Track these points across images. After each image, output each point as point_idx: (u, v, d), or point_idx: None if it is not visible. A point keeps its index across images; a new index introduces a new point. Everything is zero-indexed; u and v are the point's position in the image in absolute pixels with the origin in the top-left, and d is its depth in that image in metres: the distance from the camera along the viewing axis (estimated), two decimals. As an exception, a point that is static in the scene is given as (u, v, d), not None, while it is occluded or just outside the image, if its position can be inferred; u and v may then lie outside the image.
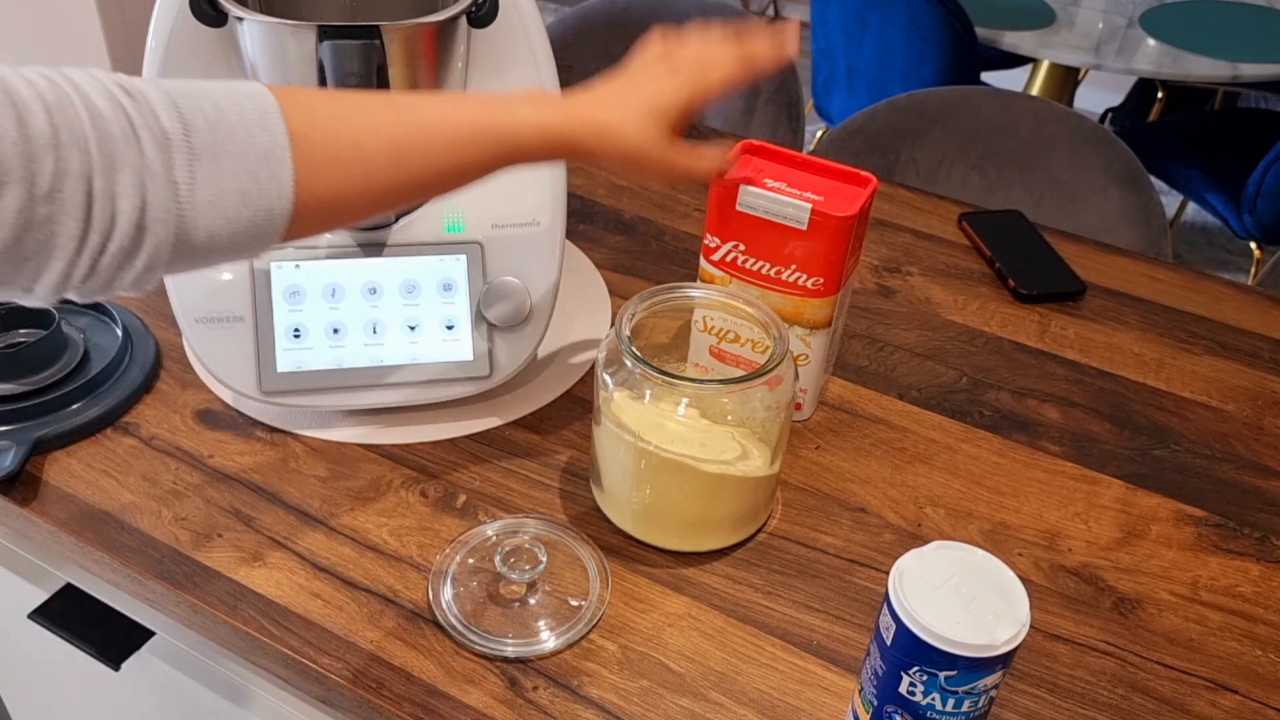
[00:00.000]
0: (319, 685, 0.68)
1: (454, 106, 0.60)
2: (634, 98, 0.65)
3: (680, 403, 0.71)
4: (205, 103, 0.51)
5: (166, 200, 0.49)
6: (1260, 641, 0.72)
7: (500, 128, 0.61)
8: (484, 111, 0.61)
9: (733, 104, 1.58)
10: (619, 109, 0.64)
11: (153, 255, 0.50)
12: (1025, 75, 2.72)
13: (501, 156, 0.61)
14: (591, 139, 0.64)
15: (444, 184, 0.60)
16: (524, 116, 0.62)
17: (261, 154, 0.52)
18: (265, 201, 0.52)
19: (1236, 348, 0.99)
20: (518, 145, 0.61)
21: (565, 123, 0.63)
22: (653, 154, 0.65)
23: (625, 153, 0.65)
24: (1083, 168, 1.33)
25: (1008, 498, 0.82)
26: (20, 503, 0.76)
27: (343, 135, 0.55)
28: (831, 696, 0.67)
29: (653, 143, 0.65)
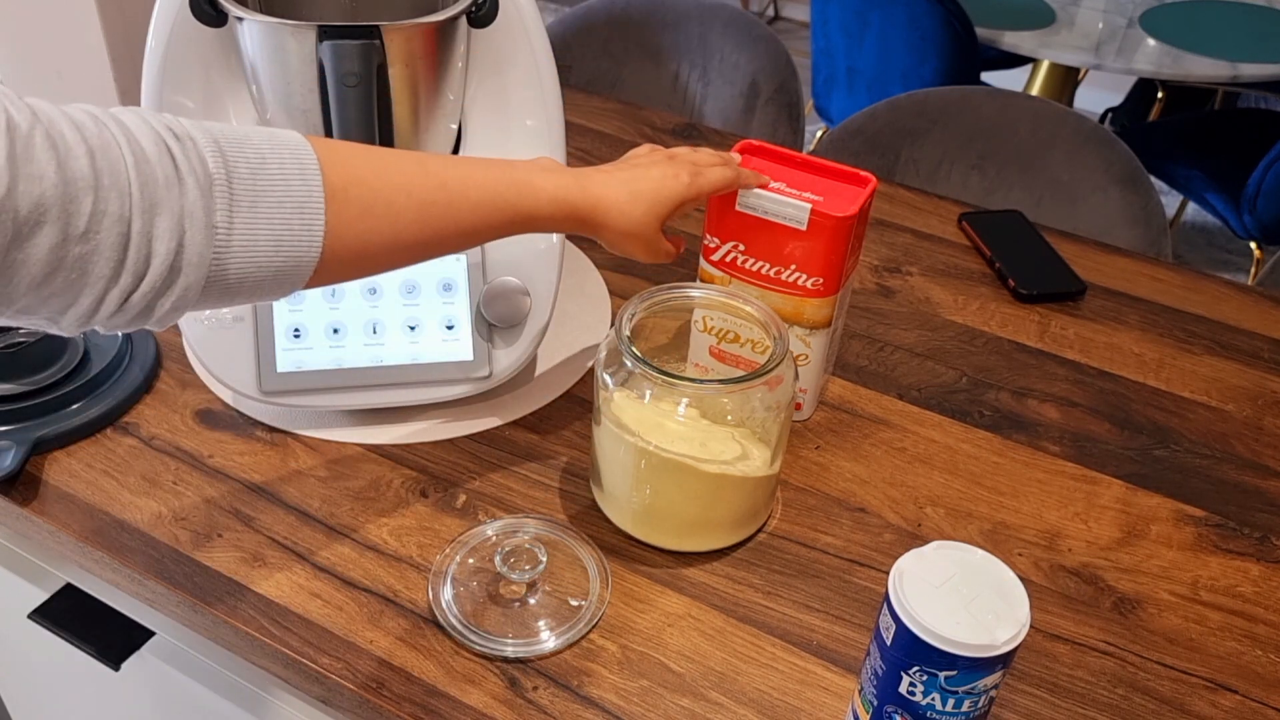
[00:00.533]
0: (319, 685, 0.68)
1: (479, 170, 0.64)
2: (644, 186, 0.71)
3: (680, 403, 0.71)
4: (249, 149, 0.53)
5: (203, 244, 0.51)
6: (1260, 641, 0.72)
7: (520, 194, 0.65)
8: (505, 177, 0.65)
9: (733, 104, 1.58)
10: (628, 193, 0.71)
11: (182, 295, 0.51)
12: (1025, 75, 2.72)
13: (517, 222, 0.66)
14: (601, 214, 0.70)
15: (463, 243, 0.64)
16: (541, 186, 0.67)
17: (298, 204, 0.54)
18: (297, 250, 0.54)
19: (1236, 348, 0.99)
20: (534, 213, 0.66)
21: (580, 196, 0.69)
22: (647, 237, 0.72)
23: (625, 232, 0.71)
24: (1083, 168, 1.33)
25: (1008, 498, 0.82)
26: (20, 503, 0.76)
27: (376, 191, 0.58)
28: (831, 696, 0.67)
29: (649, 228, 0.72)
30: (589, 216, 0.69)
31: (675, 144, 1.25)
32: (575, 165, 1.19)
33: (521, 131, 0.85)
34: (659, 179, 0.72)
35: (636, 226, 0.71)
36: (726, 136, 1.28)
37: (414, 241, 0.60)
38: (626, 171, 0.72)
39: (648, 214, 0.71)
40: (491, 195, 0.64)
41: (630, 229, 0.71)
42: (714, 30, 1.57)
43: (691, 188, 0.73)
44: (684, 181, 0.72)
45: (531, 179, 0.66)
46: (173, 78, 0.78)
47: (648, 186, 0.71)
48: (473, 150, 0.85)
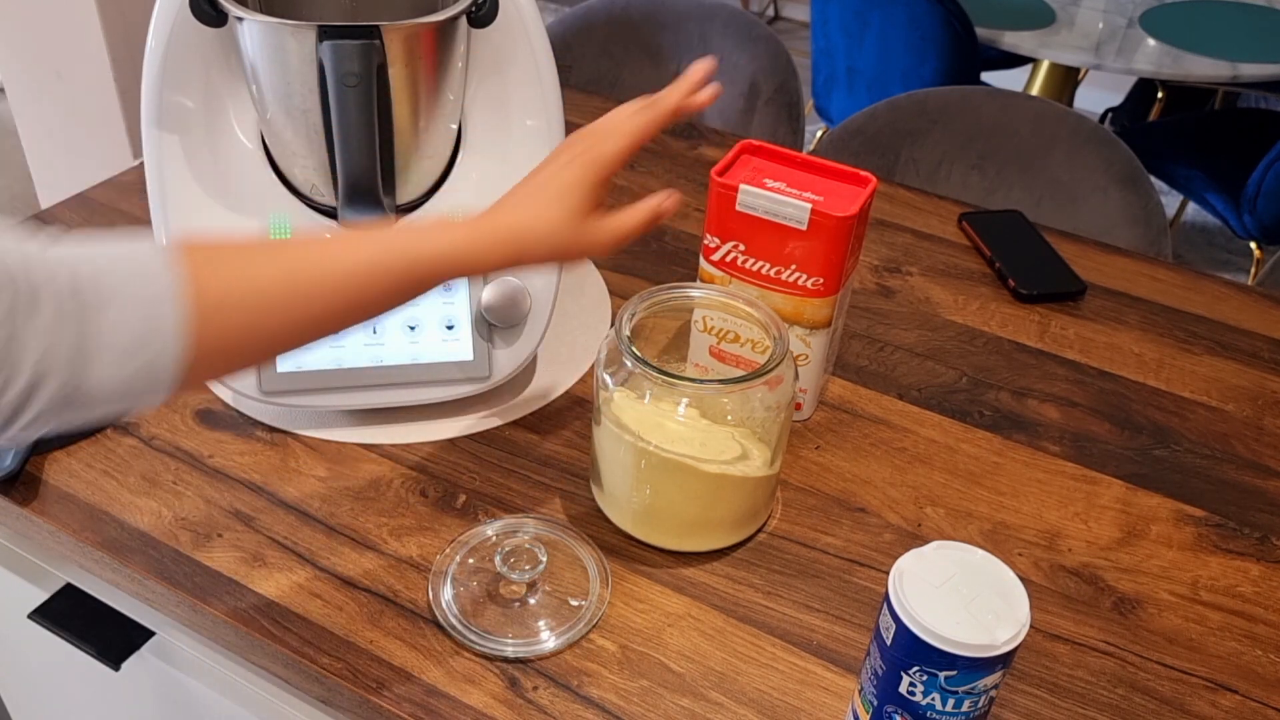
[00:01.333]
0: (319, 685, 0.68)
1: (360, 243, 0.60)
2: (534, 194, 0.65)
3: (680, 403, 0.71)
4: (100, 256, 0.51)
5: (60, 352, 0.49)
6: (1260, 641, 0.72)
7: (408, 256, 0.60)
8: (390, 243, 0.60)
9: (733, 104, 1.58)
10: (520, 210, 0.65)
11: (44, 406, 0.49)
12: (1025, 75, 2.72)
13: (413, 283, 0.61)
14: (504, 246, 0.64)
15: (352, 318, 0.60)
16: (431, 241, 0.61)
17: (149, 304, 0.51)
18: (152, 351, 0.51)
19: (1236, 348, 0.99)
20: (432, 269, 0.61)
21: (475, 238, 0.63)
22: (569, 240, 0.65)
23: (544, 248, 0.65)
24: (1083, 168, 1.33)
25: (1008, 498, 0.82)
26: (20, 503, 0.76)
27: (240, 280, 0.55)
28: (831, 696, 0.67)
29: (566, 229, 0.65)
30: (492, 254, 0.63)
31: (675, 144, 1.25)
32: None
33: (521, 131, 0.85)
34: (549, 177, 0.66)
35: (549, 240, 0.65)
36: (726, 136, 1.28)
37: (291, 326, 0.57)
38: (518, 188, 0.67)
39: (554, 221, 0.65)
40: (374, 266, 0.59)
41: (546, 245, 0.65)
42: (714, 30, 1.57)
43: (592, 162, 0.66)
44: (579, 162, 0.66)
45: (421, 237, 0.61)
46: (173, 78, 0.78)
47: (539, 192, 0.65)
48: (473, 150, 0.85)
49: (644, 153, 1.23)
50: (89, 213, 1.06)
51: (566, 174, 0.66)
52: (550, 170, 0.66)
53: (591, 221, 0.66)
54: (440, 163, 0.85)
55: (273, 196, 0.82)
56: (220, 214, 0.81)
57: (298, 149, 0.80)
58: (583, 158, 0.66)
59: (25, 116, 1.96)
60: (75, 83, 1.84)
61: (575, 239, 0.66)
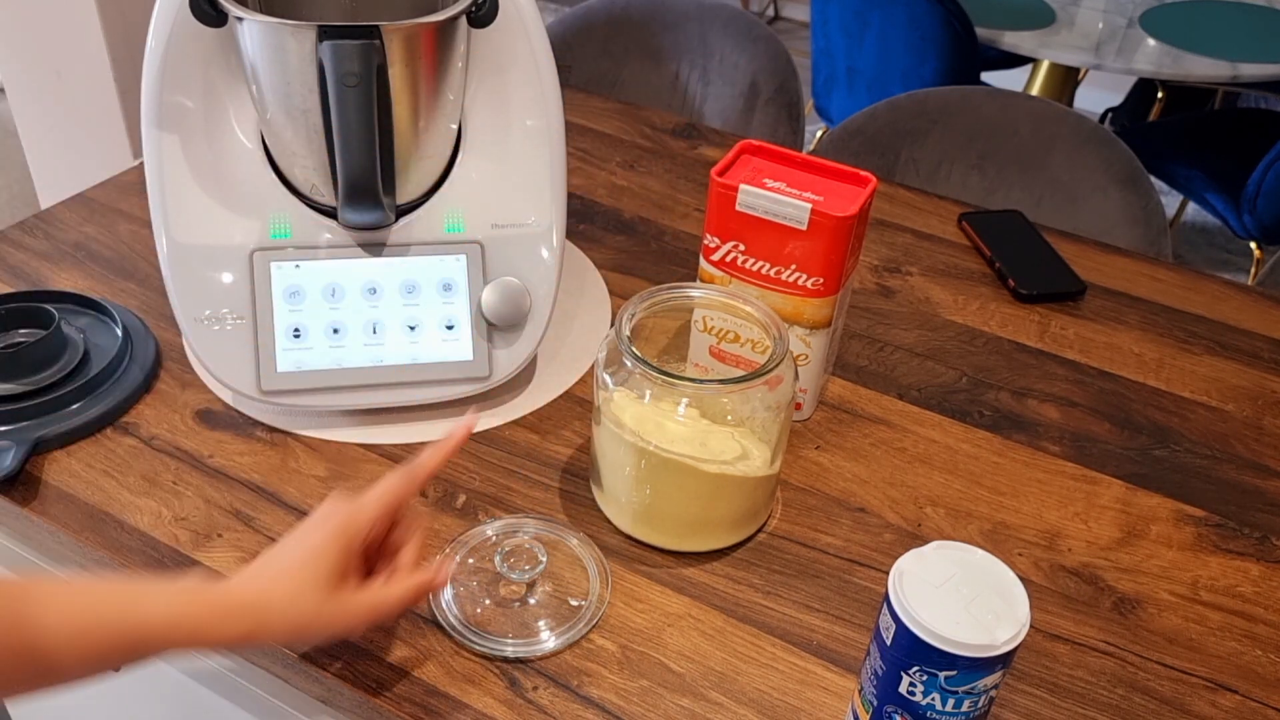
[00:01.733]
0: (319, 685, 0.68)
1: (66, 597, 0.53)
2: (274, 560, 0.58)
3: (680, 403, 0.71)
4: None
5: None
6: (1260, 641, 0.72)
7: (120, 623, 0.53)
8: (102, 605, 0.53)
9: (733, 104, 1.58)
10: (259, 578, 0.57)
11: None
12: (1025, 75, 2.72)
13: (118, 654, 0.53)
14: (235, 619, 0.56)
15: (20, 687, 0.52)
16: (147, 608, 0.54)
17: None
18: None
19: (1236, 348, 0.99)
20: (144, 640, 0.54)
21: (201, 609, 0.55)
22: (314, 612, 0.57)
23: (284, 623, 0.57)
24: (1083, 168, 1.33)
25: (1008, 498, 0.82)
26: (20, 503, 0.76)
27: None
28: (831, 696, 0.67)
29: (310, 601, 0.57)
30: (243, 619, 0.56)
31: (675, 144, 1.25)
32: (575, 165, 1.20)
33: (521, 131, 0.85)
34: (298, 538, 0.58)
35: (286, 614, 0.56)
36: (726, 136, 1.28)
37: None
38: (261, 557, 0.59)
39: (296, 594, 0.56)
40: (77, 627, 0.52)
41: (281, 620, 0.56)
42: (714, 30, 1.57)
43: (339, 527, 0.58)
44: (330, 524, 0.58)
45: (145, 600, 0.54)
46: (173, 78, 0.78)
47: (280, 561, 0.57)
48: (473, 150, 0.85)
49: (644, 153, 1.23)
50: (89, 213, 1.06)
51: (313, 539, 0.58)
52: (296, 536, 0.59)
53: (343, 594, 0.58)
54: (440, 163, 0.85)
55: (273, 196, 0.82)
56: (220, 214, 0.81)
57: (298, 149, 0.80)
58: (332, 521, 0.59)
59: (25, 116, 1.96)
60: (75, 83, 1.84)
61: (322, 612, 0.58)
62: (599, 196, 1.15)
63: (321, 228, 0.82)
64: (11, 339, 0.86)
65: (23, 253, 1.00)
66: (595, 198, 1.14)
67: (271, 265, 0.81)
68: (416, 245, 0.83)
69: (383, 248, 0.83)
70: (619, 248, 1.06)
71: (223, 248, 0.81)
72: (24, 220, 1.04)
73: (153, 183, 0.80)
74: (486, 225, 0.84)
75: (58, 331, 0.84)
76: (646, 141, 1.26)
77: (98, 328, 0.89)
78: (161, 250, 0.80)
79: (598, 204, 1.13)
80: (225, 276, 0.80)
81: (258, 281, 0.80)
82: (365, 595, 0.59)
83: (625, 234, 1.09)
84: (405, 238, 0.83)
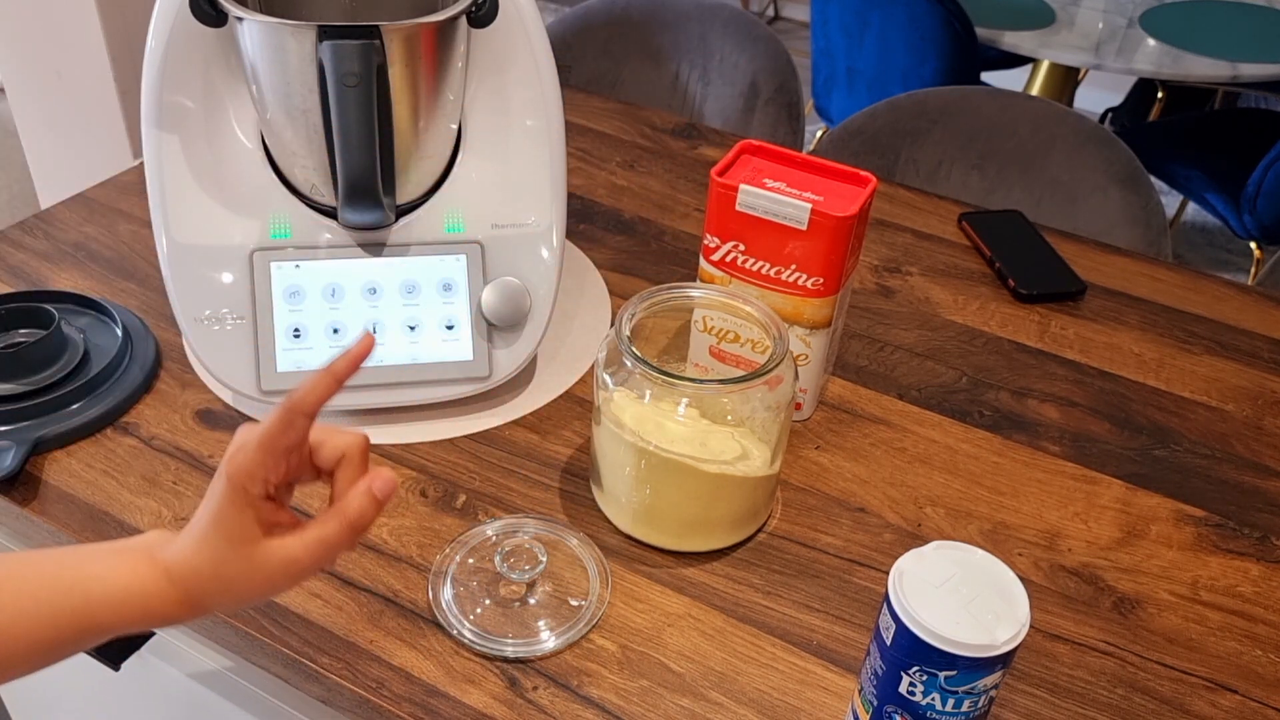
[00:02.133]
0: (319, 685, 0.68)
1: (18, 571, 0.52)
2: (193, 529, 0.55)
3: (680, 403, 0.71)
4: None
5: None
6: (1260, 641, 0.72)
7: (79, 605, 0.52)
8: (66, 578, 0.52)
9: (733, 104, 1.58)
10: (184, 551, 0.54)
11: None
12: (1025, 75, 2.72)
13: (73, 638, 0.52)
14: (176, 594, 0.54)
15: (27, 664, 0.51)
16: (104, 583, 0.52)
17: None
18: None
19: (1236, 348, 0.99)
20: (95, 619, 0.52)
21: (144, 584, 0.53)
22: (243, 572, 0.54)
23: (218, 588, 0.54)
24: (1083, 168, 1.33)
25: (1008, 498, 0.82)
26: (20, 503, 0.76)
27: None
28: (831, 696, 0.67)
29: (234, 561, 0.54)
30: (182, 592, 0.54)
31: (675, 144, 1.25)
32: (575, 165, 1.20)
33: (521, 131, 0.85)
34: (204, 503, 0.54)
35: (229, 564, 0.54)
36: (726, 136, 1.28)
37: None
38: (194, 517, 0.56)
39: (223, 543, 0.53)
40: (37, 611, 0.51)
41: (231, 575, 0.54)
42: (714, 30, 1.57)
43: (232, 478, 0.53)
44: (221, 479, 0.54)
45: (98, 573, 0.52)
46: (173, 78, 0.78)
47: (202, 519, 0.54)
48: (473, 150, 0.85)
49: (644, 153, 1.23)
50: (89, 213, 1.06)
51: (213, 498, 0.54)
52: (207, 495, 0.55)
53: (267, 545, 0.54)
54: (440, 163, 0.85)
55: (273, 196, 0.82)
56: (220, 214, 0.81)
57: (298, 149, 0.80)
58: (224, 474, 0.54)
59: (25, 116, 1.96)
60: (75, 83, 1.84)
61: (249, 570, 0.54)
62: (599, 196, 1.15)
63: (321, 228, 0.82)
64: (11, 339, 0.86)
65: (23, 253, 1.00)
66: (595, 198, 1.14)
67: (271, 265, 0.81)
68: (416, 245, 0.83)
69: (383, 248, 0.83)
70: (619, 248, 1.06)
71: (223, 248, 0.81)
72: (24, 220, 1.04)
73: (153, 183, 0.80)
74: (486, 225, 0.84)
75: (58, 331, 0.84)
76: (646, 141, 1.26)
77: (98, 328, 0.89)
78: (161, 250, 0.80)
79: (598, 204, 1.13)
80: (225, 276, 0.80)
81: (258, 281, 0.80)
82: (294, 540, 0.55)
83: (625, 234, 1.09)
84: (405, 238, 0.83)
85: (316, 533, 0.55)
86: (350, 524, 0.55)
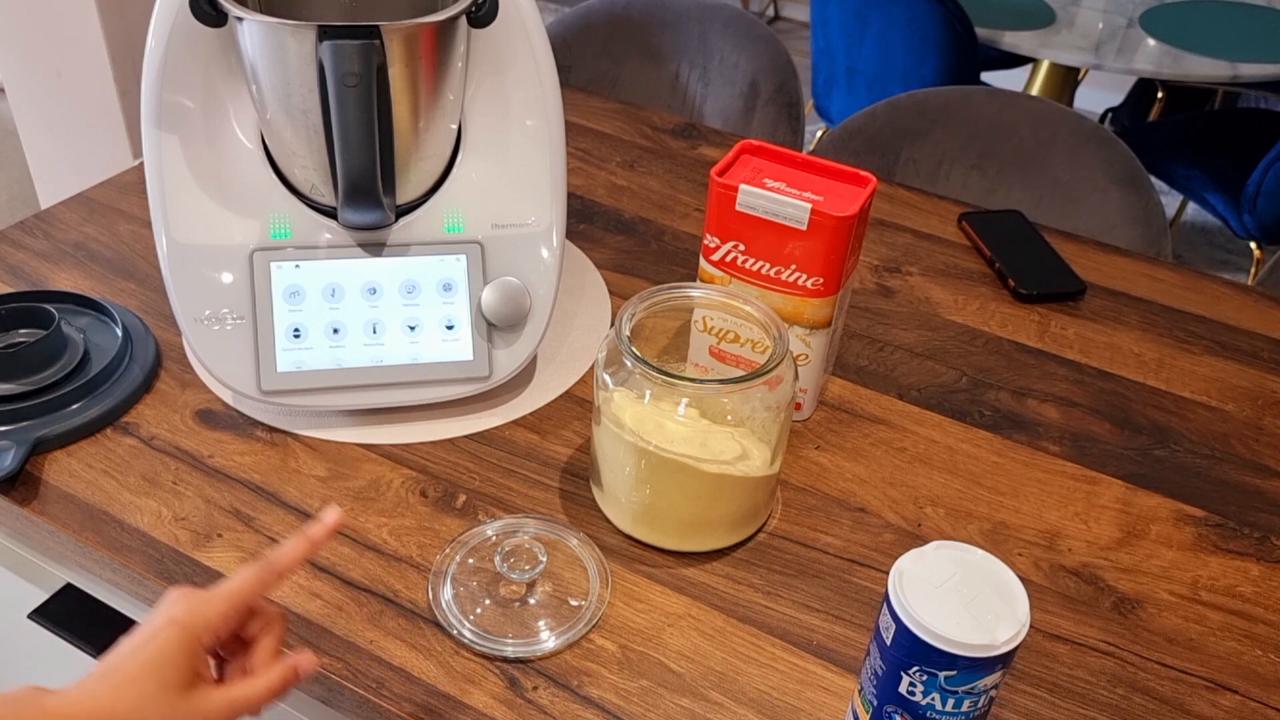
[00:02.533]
0: (319, 685, 0.68)
1: None
2: (119, 666, 0.53)
3: (680, 403, 0.71)
4: None
5: None
6: (1260, 641, 0.72)
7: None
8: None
9: (733, 104, 1.57)
10: (102, 688, 0.52)
11: None
12: (1025, 75, 2.72)
13: None
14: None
15: None
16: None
17: None
18: None
19: (1236, 348, 0.99)
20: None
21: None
22: (152, 711, 0.52)
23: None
24: (1083, 168, 1.33)
25: (1008, 498, 0.82)
26: (20, 503, 0.76)
27: None
28: (831, 696, 0.67)
29: (158, 708, 0.52)
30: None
31: (675, 144, 1.25)
32: (575, 165, 1.20)
33: (521, 131, 0.85)
34: (143, 640, 0.54)
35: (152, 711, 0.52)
36: (726, 136, 1.28)
37: None
38: (113, 654, 0.54)
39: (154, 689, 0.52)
40: None
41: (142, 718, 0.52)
42: (714, 30, 1.57)
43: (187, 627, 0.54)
44: (175, 624, 0.54)
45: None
46: (172, 78, 0.78)
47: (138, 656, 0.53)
48: (473, 150, 0.85)
49: (644, 153, 1.23)
50: (89, 212, 1.06)
51: (157, 641, 0.54)
52: (139, 638, 0.54)
53: (194, 696, 0.54)
54: (440, 163, 0.85)
55: (273, 196, 0.82)
56: (220, 214, 0.81)
57: (298, 149, 0.80)
58: (180, 621, 0.54)
59: (25, 116, 1.96)
60: (75, 83, 1.84)
61: (169, 717, 0.53)
62: (599, 196, 1.15)
63: (321, 228, 0.82)
64: (11, 339, 0.86)
65: (23, 253, 1.00)
66: (595, 198, 1.14)
67: (271, 265, 0.81)
68: (416, 245, 0.83)
69: (383, 248, 0.83)
70: (619, 248, 1.06)
71: (223, 248, 0.81)
72: (24, 220, 1.04)
73: (153, 183, 0.80)
74: (486, 225, 0.84)
75: (58, 331, 0.84)
76: (646, 141, 1.26)
77: (98, 328, 0.89)
78: (161, 250, 0.80)
79: (598, 204, 1.13)
80: (225, 276, 0.80)
81: (258, 281, 0.80)
82: (220, 695, 0.55)
83: (625, 234, 1.09)
84: (405, 238, 0.83)
85: (242, 691, 0.55)
86: (272, 690, 0.57)
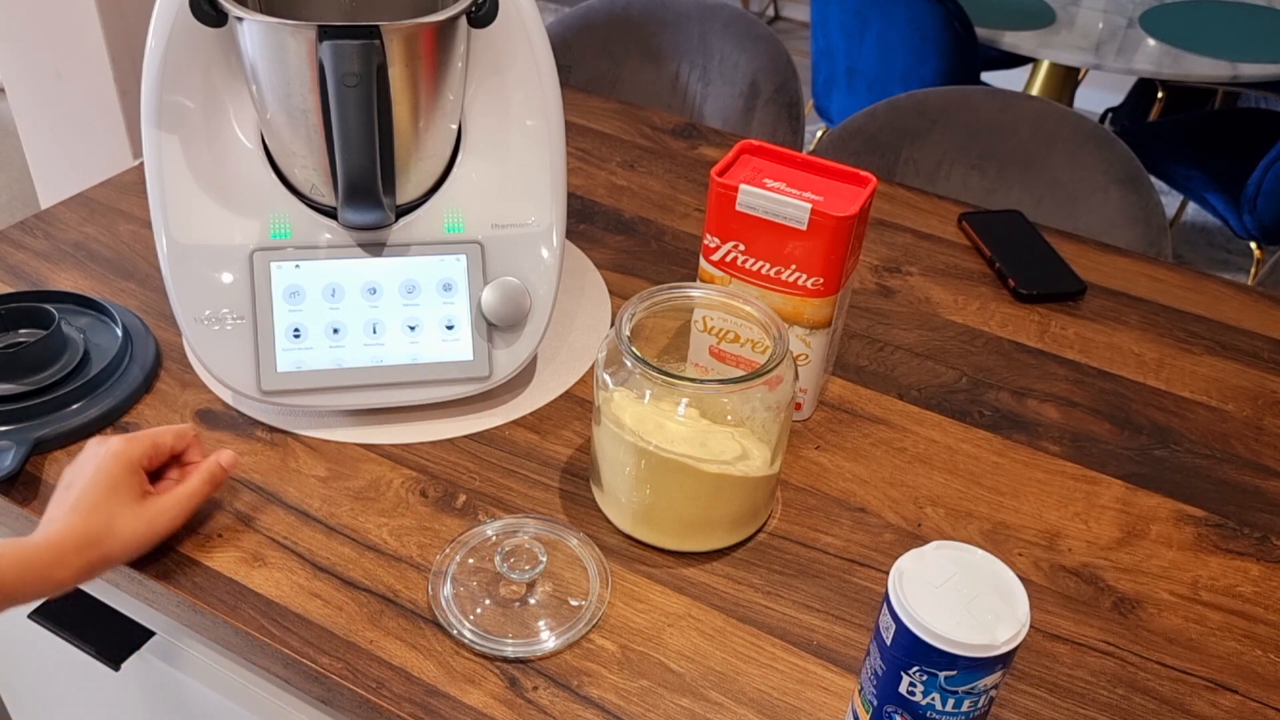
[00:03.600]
0: (319, 685, 0.68)
1: None
2: (84, 502, 0.66)
3: (680, 403, 0.71)
4: None
5: None
6: (1260, 641, 0.72)
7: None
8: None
9: (733, 104, 1.58)
10: (78, 513, 0.65)
11: None
12: (1025, 75, 2.72)
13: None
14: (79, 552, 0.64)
15: None
16: None
17: None
18: None
19: (1236, 348, 0.99)
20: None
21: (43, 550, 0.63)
22: (141, 524, 0.68)
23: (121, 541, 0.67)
24: (1083, 168, 1.33)
25: (1008, 498, 0.82)
26: (20, 503, 0.76)
27: None
28: (831, 696, 0.67)
29: (132, 516, 0.67)
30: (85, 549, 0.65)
31: (675, 144, 1.25)
32: (575, 165, 1.20)
33: (521, 131, 0.85)
34: (94, 477, 0.67)
35: (129, 519, 0.67)
36: (726, 136, 1.28)
37: None
38: (65, 497, 0.67)
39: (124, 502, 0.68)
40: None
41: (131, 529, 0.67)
42: (714, 30, 1.57)
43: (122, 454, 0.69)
44: (114, 457, 0.68)
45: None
46: (172, 78, 0.78)
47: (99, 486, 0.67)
48: (473, 150, 0.85)
49: (644, 153, 1.23)
50: (89, 212, 1.06)
51: (107, 470, 0.67)
52: (90, 472, 0.68)
53: (150, 500, 0.69)
54: (440, 163, 0.85)
55: (273, 196, 0.82)
56: (220, 214, 0.81)
57: (298, 149, 0.80)
58: (120, 451, 0.69)
59: (25, 116, 1.96)
60: (75, 83, 1.84)
61: (146, 521, 0.68)
62: (599, 196, 1.15)
63: (321, 228, 0.82)
64: (11, 339, 0.86)
65: (23, 253, 1.00)
66: (595, 198, 1.14)
67: (271, 265, 0.81)
68: (416, 245, 0.83)
69: (383, 248, 0.83)
70: (619, 248, 1.06)
71: (223, 248, 0.81)
72: (24, 220, 1.04)
73: (153, 183, 0.80)
74: (486, 225, 0.84)
75: (58, 331, 0.84)
76: (646, 141, 1.26)
77: (98, 328, 0.89)
78: (161, 250, 0.80)
79: (598, 204, 1.13)
80: (225, 276, 0.80)
81: (258, 281, 0.80)
82: (167, 497, 0.70)
83: (625, 234, 1.09)
84: (405, 238, 0.83)
85: (183, 489, 0.71)
86: (205, 483, 0.72)
